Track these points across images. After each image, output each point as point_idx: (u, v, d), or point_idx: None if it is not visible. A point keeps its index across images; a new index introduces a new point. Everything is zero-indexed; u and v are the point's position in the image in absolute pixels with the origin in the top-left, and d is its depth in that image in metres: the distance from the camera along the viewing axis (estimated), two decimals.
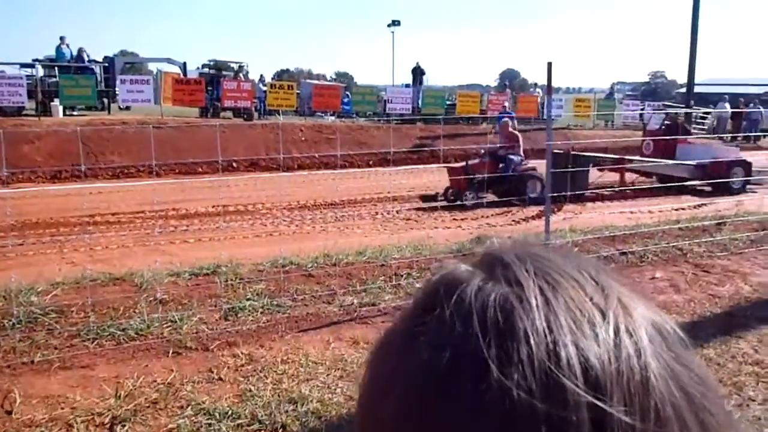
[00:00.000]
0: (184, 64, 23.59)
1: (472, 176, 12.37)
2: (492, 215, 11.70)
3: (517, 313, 0.40)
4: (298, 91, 24.45)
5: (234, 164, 17.13)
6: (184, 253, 8.33)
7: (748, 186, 14.84)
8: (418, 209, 11.87)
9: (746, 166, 14.85)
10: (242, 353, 4.85)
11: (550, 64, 6.15)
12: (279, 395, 4.18)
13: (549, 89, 6.55)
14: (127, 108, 21.79)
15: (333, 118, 24.21)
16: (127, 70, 23.82)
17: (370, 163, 18.52)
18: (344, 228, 10.08)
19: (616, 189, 13.82)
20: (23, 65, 21.29)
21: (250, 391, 4.24)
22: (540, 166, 11.51)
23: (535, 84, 32.74)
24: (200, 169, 16.18)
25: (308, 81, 31.93)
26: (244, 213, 11.58)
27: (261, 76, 28.61)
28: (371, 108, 24.78)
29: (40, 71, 20.51)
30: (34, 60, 21.77)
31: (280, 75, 69.12)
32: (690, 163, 14.53)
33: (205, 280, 6.53)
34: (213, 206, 11.65)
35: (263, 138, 18.64)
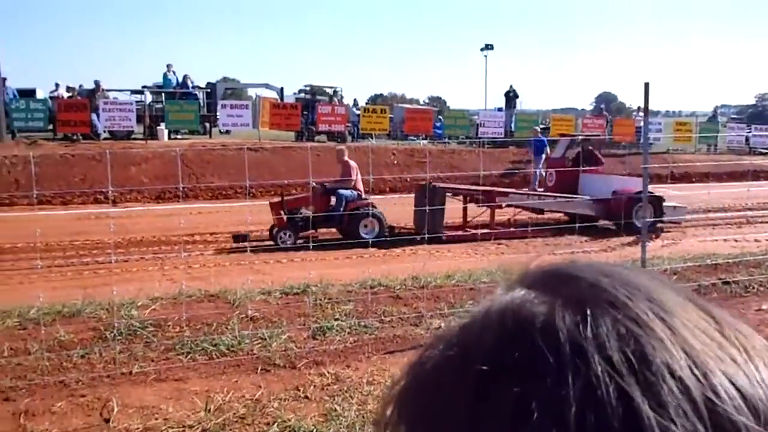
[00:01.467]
0: (282, 89, 24.32)
1: (293, 214, 10.99)
2: (585, 242, 11.41)
3: (645, 340, 0.33)
4: (391, 115, 24.72)
5: None
6: (276, 272, 8.52)
7: (660, 223, 12.16)
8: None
9: (655, 201, 11.91)
10: (329, 372, 4.89)
11: (647, 84, 5.96)
12: (363, 416, 4.18)
13: (646, 110, 6.35)
14: (227, 132, 22.66)
15: (425, 141, 24.31)
16: (228, 95, 24.82)
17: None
18: (434, 251, 10.04)
19: (492, 230, 11.74)
20: (133, 92, 22.59)
21: (335, 410, 4.26)
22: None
23: (638, 108, 31.88)
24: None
25: (401, 105, 32.20)
26: (335, 234, 11.74)
27: (355, 100, 29.21)
28: (463, 132, 24.72)
29: (148, 97, 21.70)
30: (144, 87, 23.07)
31: (374, 99, 70.05)
32: (578, 197, 12.56)
33: (294, 299, 6.65)
34: None
35: (355, 161, 18.85)
